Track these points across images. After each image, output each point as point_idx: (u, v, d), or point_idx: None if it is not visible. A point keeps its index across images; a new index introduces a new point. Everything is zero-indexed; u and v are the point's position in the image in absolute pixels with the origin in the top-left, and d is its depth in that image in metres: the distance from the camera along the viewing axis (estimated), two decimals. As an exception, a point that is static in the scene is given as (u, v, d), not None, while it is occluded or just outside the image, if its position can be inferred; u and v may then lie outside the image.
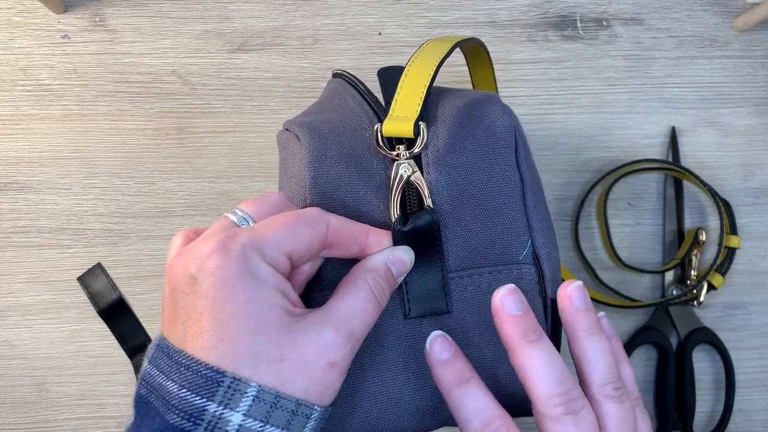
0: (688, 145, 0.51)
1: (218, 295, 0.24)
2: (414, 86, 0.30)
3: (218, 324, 0.24)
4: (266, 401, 0.24)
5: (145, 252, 0.49)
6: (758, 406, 0.51)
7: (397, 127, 0.29)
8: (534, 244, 0.31)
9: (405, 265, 0.29)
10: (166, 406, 0.24)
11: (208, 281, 0.24)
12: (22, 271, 0.49)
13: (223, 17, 0.50)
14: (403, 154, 0.29)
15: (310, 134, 0.30)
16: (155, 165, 0.49)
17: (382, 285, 0.28)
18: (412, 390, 0.30)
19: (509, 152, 0.31)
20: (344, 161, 0.30)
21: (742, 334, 0.51)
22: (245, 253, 0.25)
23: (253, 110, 0.50)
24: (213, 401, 0.23)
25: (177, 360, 0.24)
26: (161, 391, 0.24)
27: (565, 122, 0.51)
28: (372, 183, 0.30)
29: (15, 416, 0.48)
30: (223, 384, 0.24)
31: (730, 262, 0.49)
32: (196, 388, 0.24)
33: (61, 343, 0.48)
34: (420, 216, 0.29)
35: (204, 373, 0.24)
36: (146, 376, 0.26)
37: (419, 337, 0.30)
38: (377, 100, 0.32)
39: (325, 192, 0.30)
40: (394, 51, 0.51)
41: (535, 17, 0.52)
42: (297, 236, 0.26)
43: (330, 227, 0.27)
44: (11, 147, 0.49)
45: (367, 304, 0.27)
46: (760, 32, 0.52)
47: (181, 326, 0.25)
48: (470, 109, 0.31)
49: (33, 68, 0.49)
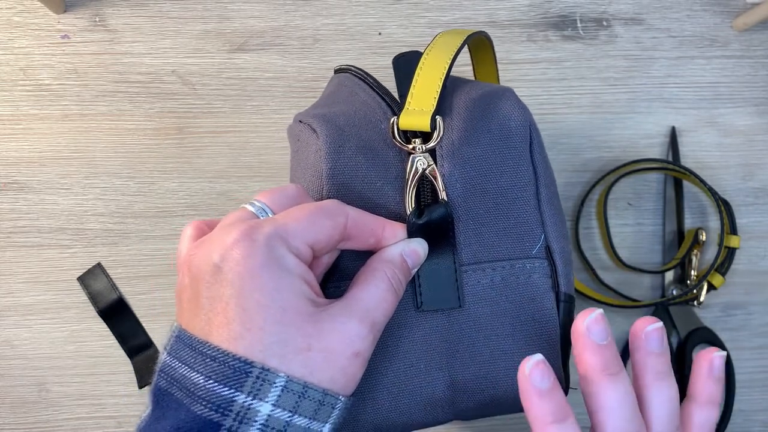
0: (688, 145, 0.51)
1: (244, 285, 0.24)
2: (430, 79, 0.30)
3: (245, 314, 0.24)
4: (294, 391, 0.24)
5: (145, 252, 0.49)
6: (758, 406, 0.51)
7: (414, 120, 0.29)
8: (547, 238, 0.31)
9: (419, 257, 0.29)
10: (191, 398, 0.24)
11: (233, 271, 0.24)
12: (22, 271, 0.49)
13: (223, 17, 0.50)
14: (418, 147, 0.29)
15: (327, 126, 0.30)
16: (155, 165, 0.49)
17: (399, 276, 0.28)
18: (425, 382, 0.30)
19: (524, 146, 0.31)
20: (361, 153, 0.30)
21: (742, 334, 0.51)
22: (270, 243, 0.25)
23: (253, 110, 0.50)
24: (242, 392, 0.24)
25: (201, 351, 0.24)
26: (185, 383, 0.24)
27: (565, 122, 0.51)
28: (388, 175, 0.30)
29: (15, 416, 0.48)
30: (252, 374, 0.24)
31: (730, 262, 0.49)
32: (224, 378, 0.24)
33: (61, 343, 0.48)
34: (435, 209, 0.29)
35: (232, 363, 0.24)
36: (165, 367, 0.26)
37: (431, 329, 0.30)
38: (388, 92, 0.32)
39: (342, 183, 0.30)
40: (394, 51, 0.50)
41: (535, 17, 0.52)
42: (318, 227, 0.26)
43: (349, 219, 0.27)
44: (11, 147, 0.49)
45: (387, 294, 0.27)
46: (760, 32, 0.52)
47: (205, 317, 0.25)
48: (485, 101, 0.31)
49: (33, 68, 0.49)
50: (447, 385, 0.30)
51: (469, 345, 0.30)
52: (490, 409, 0.32)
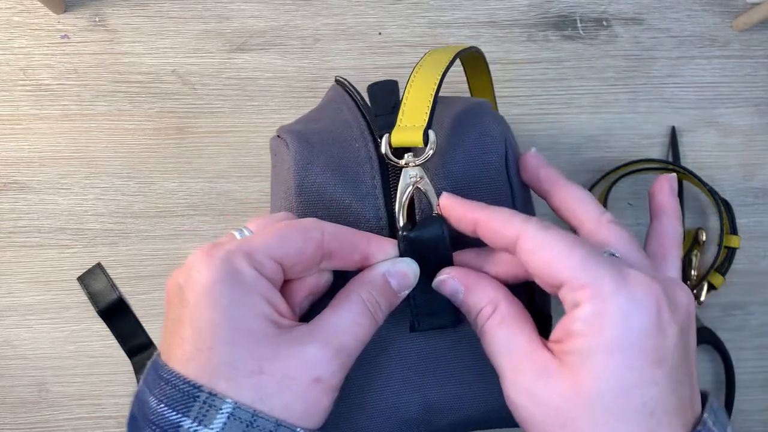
0: (688, 145, 0.51)
1: (199, 302, 0.23)
2: (420, 95, 0.29)
3: (197, 333, 0.23)
4: (242, 419, 0.22)
5: (145, 252, 0.49)
6: (758, 406, 0.51)
7: (406, 136, 0.28)
8: None
9: (407, 278, 0.28)
10: (145, 421, 0.23)
11: (191, 289, 0.24)
12: (22, 271, 0.49)
13: (223, 17, 0.50)
14: (410, 161, 0.29)
15: (298, 142, 0.30)
16: (155, 165, 0.49)
17: (377, 299, 0.27)
18: (400, 402, 0.30)
19: (500, 162, 0.31)
20: (329, 170, 0.30)
21: (742, 334, 0.51)
22: (228, 258, 0.24)
23: (253, 110, 0.50)
24: (188, 417, 0.22)
25: (160, 374, 0.24)
26: (143, 407, 0.24)
27: (565, 122, 0.51)
28: (358, 192, 0.30)
29: (15, 416, 0.48)
30: (199, 399, 0.22)
31: (730, 262, 0.49)
32: (174, 402, 0.23)
33: (61, 343, 0.48)
34: (428, 223, 0.29)
35: (181, 387, 0.23)
36: (138, 392, 0.25)
37: (409, 348, 0.30)
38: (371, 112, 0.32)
39: (310, 200, 0.30)
40: (394, 51, 0.51)
41: (535, 17, 0.52)
42: (287, 242, 0.25)
43: (326, 234, 0.26)
44: (11, 147, 0.49)
45: (360, 318, 0.26)
46: (760, 32, 0.52)
47: (168, 338, 0.25)
48: (462, 117, 0.31)
49: (33, 68, 0.49)
50: (422, 405, 0.30)
51: (444, 365, 0.30)
52: (465, 428, 0.32)
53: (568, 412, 0.23)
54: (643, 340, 0.23)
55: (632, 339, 0.23)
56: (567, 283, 0.24)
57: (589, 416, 0.23)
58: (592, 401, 0.23)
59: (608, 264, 0.24)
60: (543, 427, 0.24)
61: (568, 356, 0.24)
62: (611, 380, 0.23)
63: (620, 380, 0.23)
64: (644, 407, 0.23)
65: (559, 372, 0.24)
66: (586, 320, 0.23)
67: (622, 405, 0.22)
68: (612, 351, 0.23)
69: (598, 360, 0.23)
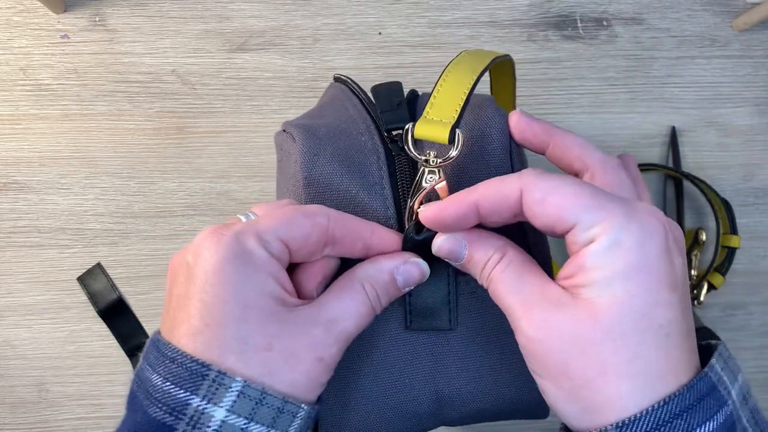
0: (688, 145, 0.51)
1: (208, 279, 0.24)
2: (453, 90, 0.28)
3: (205, 308, 0.24)
4: (251, 397, 0.23)
5: (145, 252, 0.49)
6: (758, 406, 0.51)
7: (432, 129, 0.28)
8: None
9: (414, 278, 0.28)
10: (149, 400, 0.23)
11: (200, 266, 0.24)
12: (22, 271, 0.49)
13: (223, 17, 0.50)
14: (432, 160, 0.28)
15: (305, 135, 0.30)
16: (155, 165, 0.49)
17: (379, 293, 0.27)
18: (411, 396, 0.30)
19: (504, 154, 0.31)
20: (336, 161, 0.30)
21: (742, 334, 0.51)
22: (238, 238, 0.24)
23: (253, 110, 0.50)
24: (197, 395, 0.23)
25: (163, 352, 0.24)
26: (146, 385, 0.24)
27: (565, 122, 0.51)
28: (365, 182, 0.30)
29: (15, 416, 0.48)
30: (208, 377, 0.23)
31: (730, 262, 0.49)
32: (180, 380, 0.23)
33: (61, 343, 0.48)
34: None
35: (189, 365, 0.23)
36: (138, 371, 0.25)
37: (419, 344, 0.30)
38: (376, 108, 0.32)
39: (319, 191, 0.30)
40: (394, 51, 0.51)
41: (535, 17, 0.52)
42: (294, 224, 0.26)
43: (331, 220, 0.27)
44: (11, 147, 0.49)
45: (362, 308, 0.27)
46: (760, 32, 0.52)
47: (172, 314, 0.25)
48: (467, 112, 0.31)
49: (33, 68, 0.49)
50: (433, 399, 0.30)
51: (455, 360, 0.30)
52: (475, 420, 0.32)
53: (588, 339, 0.23)
54: (658, 264, 0.23)
55: (649, 263, 0.23)
56: (579, 224, 0.24)
57: (609, 340, 0.23)
58: (612, 326, 0.23)
59: (617, 199, 0.25)
60: (561, 356, 0.24)
61: (581, 289, 0.24)
62: (632, 303, 0.23)
63: (641, 303, 0.23)
64: (661, 329, 0.23)
65: (574, 303, 0.24)
66: (601, 253, 0.24)
67: (642, 327, 0.23)
68: (630, 276, 0.23)
69: (617, 287, 0.23)
